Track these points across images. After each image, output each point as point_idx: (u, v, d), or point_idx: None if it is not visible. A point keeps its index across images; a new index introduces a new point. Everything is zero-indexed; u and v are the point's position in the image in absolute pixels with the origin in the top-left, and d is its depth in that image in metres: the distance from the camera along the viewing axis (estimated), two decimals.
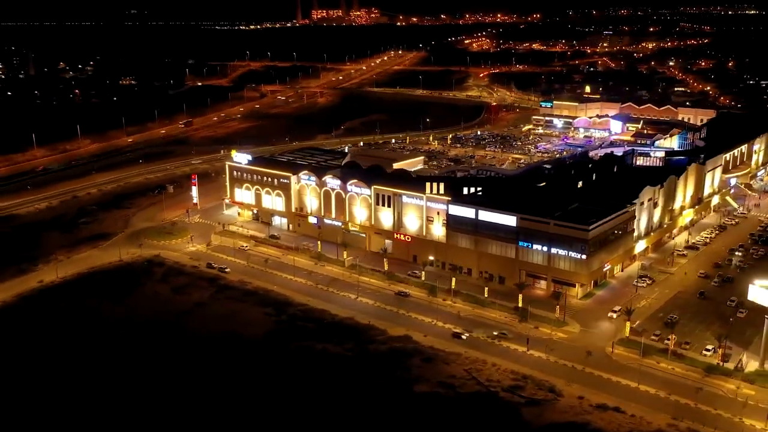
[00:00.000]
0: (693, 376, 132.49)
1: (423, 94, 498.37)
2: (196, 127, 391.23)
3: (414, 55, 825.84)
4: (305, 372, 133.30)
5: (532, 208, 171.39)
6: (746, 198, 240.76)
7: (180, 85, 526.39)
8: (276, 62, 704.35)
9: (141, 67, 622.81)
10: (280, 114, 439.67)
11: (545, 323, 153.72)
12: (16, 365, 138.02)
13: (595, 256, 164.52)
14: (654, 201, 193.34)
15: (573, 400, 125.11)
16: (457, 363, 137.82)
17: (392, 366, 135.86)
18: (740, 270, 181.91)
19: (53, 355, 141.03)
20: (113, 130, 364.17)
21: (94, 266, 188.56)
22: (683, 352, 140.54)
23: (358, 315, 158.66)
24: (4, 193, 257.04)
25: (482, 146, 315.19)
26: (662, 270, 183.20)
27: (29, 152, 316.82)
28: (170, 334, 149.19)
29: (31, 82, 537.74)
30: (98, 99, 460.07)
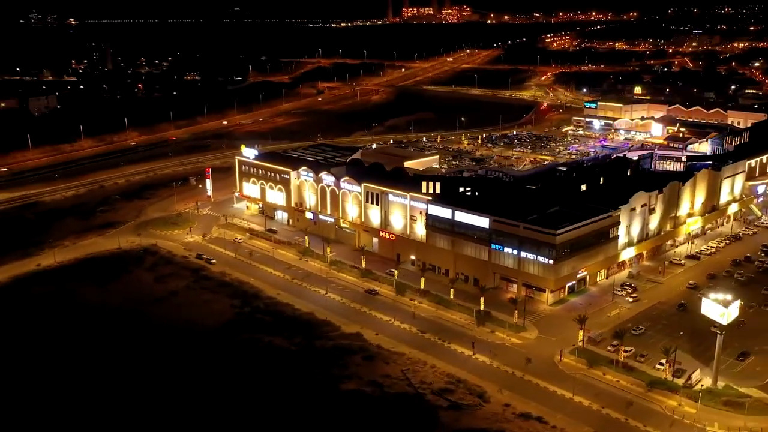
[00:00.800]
0: (636, 390, 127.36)
1: (477, 93, 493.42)
2: (242, 121, 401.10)
3: (487, 53, 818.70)
4: (240, 363, 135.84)
5: (511, 210, 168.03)
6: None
7: (241, 81, 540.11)
8: (346, 59, 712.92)
9: (213, 64, 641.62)
10: (329, 110, 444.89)
11: (503, 328, 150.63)
12: None
13: (565, 262, 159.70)
14: (650, 207, 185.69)
15: (498, 407, 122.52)
16: (397, 363, 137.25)
17: (330, 362, 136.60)
18: (735, 282, 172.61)
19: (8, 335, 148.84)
20: (163, 123, 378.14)
21: (93, 252, 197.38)
22: (635, 365, 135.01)
23: (320, 310, 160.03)
24: (40, 180, 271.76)
25: (512, 147, 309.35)
26: (651, 279, 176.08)
27: (77, 143, 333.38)
28: (133, 320, 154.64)
29: (104, 76, 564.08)
30: (160, 93, 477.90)
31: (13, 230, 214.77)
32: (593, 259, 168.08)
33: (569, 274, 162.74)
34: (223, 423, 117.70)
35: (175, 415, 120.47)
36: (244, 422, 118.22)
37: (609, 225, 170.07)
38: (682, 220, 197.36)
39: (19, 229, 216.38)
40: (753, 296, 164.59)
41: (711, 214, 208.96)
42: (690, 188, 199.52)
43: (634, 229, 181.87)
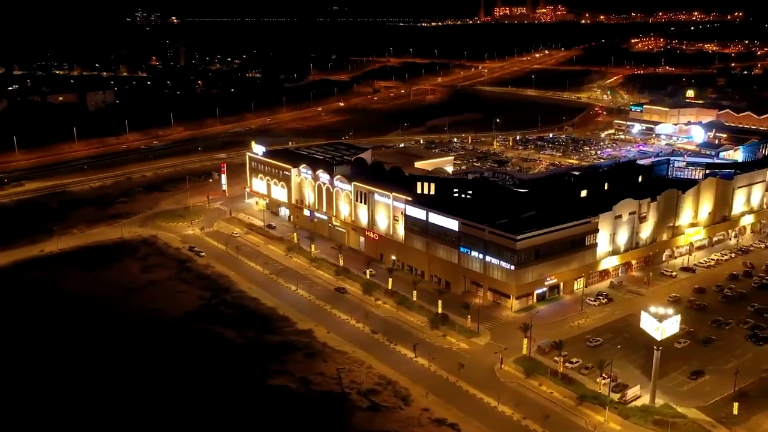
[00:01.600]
0: (567, 403, 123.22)
1: (533, 94, 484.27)
2: (285, 119, 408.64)
3: (564, 54, 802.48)
4: (181, 353, 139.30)
5: (487, 214, 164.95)
6: None
7: (299, 79, 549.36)
8: (416, 59, 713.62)
9: (280, 62, 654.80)
10: (378, 109, 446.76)
11: (456, 332, 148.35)
12: None
13: (528, 268, 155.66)
14: (640, 215, 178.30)
15: (417, 411, 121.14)
16: (336, 361, 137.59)
17: (270, 358, 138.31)
18: (724, 298, 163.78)
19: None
20: (211, 118, 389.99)
21: (96, 241, 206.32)
22: (578, 377, 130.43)
23: (284, 306, 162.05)
24: (76, 171, 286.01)
25: (542, 149, 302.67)
26: (632, 290, 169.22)
27: (123, 136, 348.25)
28: (100, 308, 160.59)
29: (172, 72, 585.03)
30: (218, 90, 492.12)
31: (32, 217, 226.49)
32: (565, 266, 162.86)
33: (535, 281, 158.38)
34: (136, 409, 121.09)
35: (92, 400, 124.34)
36: (156, 409, 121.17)
37: (584, 232, 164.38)
38: (681, 230, 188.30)
39: (39, 216, 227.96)
40: (736, 313, 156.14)
41: (719, 225, 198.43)
42: (692, 197, 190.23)
43: (620, 237, 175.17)
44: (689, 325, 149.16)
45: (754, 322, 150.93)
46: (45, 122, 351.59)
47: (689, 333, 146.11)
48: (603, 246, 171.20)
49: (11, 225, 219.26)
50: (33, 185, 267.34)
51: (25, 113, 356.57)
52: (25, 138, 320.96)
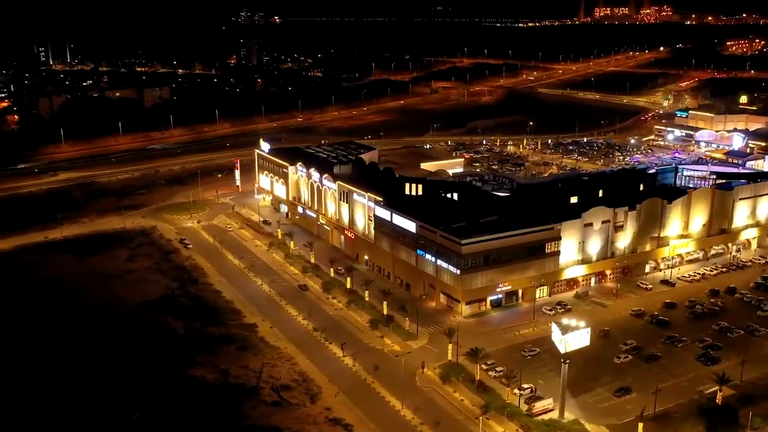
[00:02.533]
0: (474, 412, 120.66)
1: (590, 97, 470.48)
2: (331, 117, 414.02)
3: (646, 55, 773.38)
4: (120, 339, 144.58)
5: (450, 217, 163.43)
6: None
7: (359, 79, 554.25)
8: (489, 59, 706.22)
9: (349, 61, 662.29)
10: (427, 110, 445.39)
11: (394, 334, 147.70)
12: None
13: (476, 273, 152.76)
14: (616, 224, 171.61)
15: (319, 409, 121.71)
16: (265, 356, 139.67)
17: (204, 348, 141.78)
18: (692, 314, 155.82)
19: None
20: (258, 115, 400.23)
21: (99, 230, 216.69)
22: (496, 386, 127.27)
23: (242, 300, 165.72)
24: (110, 164, 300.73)
25: (567, 153, 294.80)
26: (596, 301, 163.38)
27: (167, 131, 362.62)
28: (72, 292, 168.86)
29: (239, 70, 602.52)
30: (277, 88, 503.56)
31: (53, 206, 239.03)
32: (522, 273, 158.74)
33: (485, 286, 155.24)
34: (50, 390, 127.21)
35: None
36: (72, 390, 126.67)
37: (543, 239, 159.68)
38: (667, 241, 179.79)
39: (59, 205, 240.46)
40: (699, 330, 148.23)
41: (715, 238, 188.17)
42: (682, 207, 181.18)
43: (592, 246, 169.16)
44: (642, 341, 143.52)
45: (711, 341, 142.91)
46: (100, 116, 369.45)
47: (635, 348, 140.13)
48: (569, 254, 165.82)
49: (32, 212, 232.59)
50: (66, 175, 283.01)
51: (83, 107, 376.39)
52: (77, 131, 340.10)
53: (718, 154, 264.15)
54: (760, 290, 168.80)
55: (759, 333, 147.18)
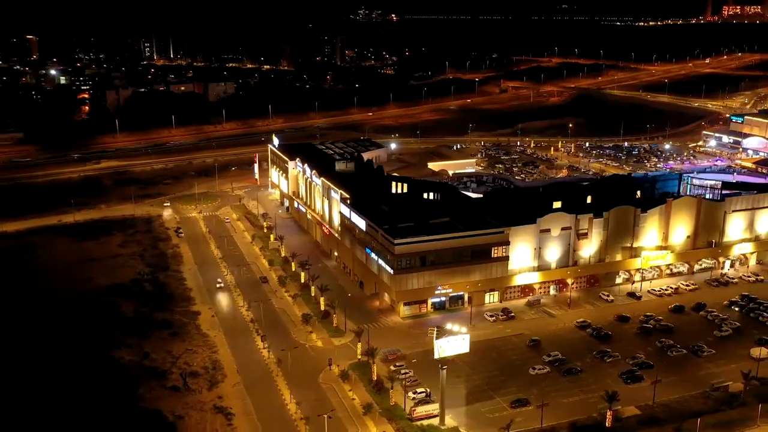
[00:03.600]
0: (357, 411, 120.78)
1: (662, 100, 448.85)
2: (386, 115, 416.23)
3: (754, 57, 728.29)
4: (67, 319, 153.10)
5: (409, 216, 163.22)
6: None
7: (429, 77, 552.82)
8: (578, 59, 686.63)
9: (434, 58, 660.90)
10: (487, 110, 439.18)
11: (324, 330, 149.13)
12: None
13: (411, 274, 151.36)
14: (578, 231, 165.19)
15: (211, 396, 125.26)
16: (191, 342, 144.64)
17: (139, 332, 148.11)
18: (640, 330, 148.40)
19: None
20: (312, 111, 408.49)
21: (108, 216, 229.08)
22: (393, 390, 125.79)
23: (199, 288, 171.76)
24: (152, 154, 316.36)
25: (598, 157, 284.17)
26: (546, 311, 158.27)
27: (220, 125, 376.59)
28: (50, 273, 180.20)
29: (313, 67, 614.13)
30: (344, 85, 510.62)
31: (81, 191, 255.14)
32: (465, 277, 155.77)
33: (423, 288, 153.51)
34: None
35: None
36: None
37: (488, 243, 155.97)
38: (639, 252, 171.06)
39: (88, 191, 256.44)
40: (640, 347, 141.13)
41: (701, 251, 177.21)
42: (659, 217, 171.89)
43: (550, 252, 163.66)
44: (570, 353, 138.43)
45: (644, 359, 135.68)
46: (163, 109, 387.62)
47: (558, 361, 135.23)
48: (523, 260, 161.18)
49: (60, 197, 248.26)
50: (108, 164, 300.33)
51: (147, 101, 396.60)
52: (137, 122, 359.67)
53: (748, 162, 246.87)
54: (732, 309, 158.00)
55: (703, 353, 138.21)
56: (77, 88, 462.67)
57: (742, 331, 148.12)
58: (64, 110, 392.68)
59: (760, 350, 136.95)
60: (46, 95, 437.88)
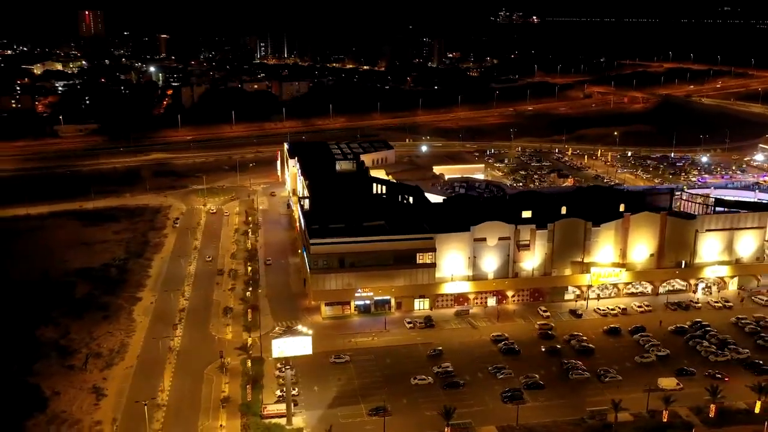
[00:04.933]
0: (218, 404, 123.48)
1: (748, 110, 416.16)
2: (451, 117, 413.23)
3: None
4: (20, 296, 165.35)
5: (345, 217, 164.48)
6: None
7: (515, 80, 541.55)
8: (693, 64, 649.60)
9: (524, 63, 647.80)
10: (558, 114, 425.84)
11: (239, 324, 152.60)
12: None
13: (329, 275, 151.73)
14: (519, 242, 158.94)
15: (97, 377, 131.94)
16: (116, 325, 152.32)
17: (76, 313, 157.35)
18: (548, 348, 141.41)
19: None
20: (376, 112, 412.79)
21: (125, 204, 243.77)
22: (270, 385, 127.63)
23: (159, 276, 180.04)
24: (202, 148, 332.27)
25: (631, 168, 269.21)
26: (471, 322, 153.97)
27: (280, 123, 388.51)
28: (38, 251, 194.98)
29: (404, 68, 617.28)
30: (421, 87, 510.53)
31: (118, 181, 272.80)
32: (388, 281, 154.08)
33: (342, 290, 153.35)
34: None
35: None
36: None
37: (413, 248, 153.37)
38: (588, 268, 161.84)
39: (124, 180, 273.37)
40: (544, 366, 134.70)
41: (666, 271, 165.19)
42: (615, 232, 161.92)
43: (487, 262, 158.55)
44: (465, 367, 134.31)
45: (537, 379, 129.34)
46: (234, 106, 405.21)
47: (446, 373, 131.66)
48: (454, 268, 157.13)
49: (96, 184, 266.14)
50: (156, 155, 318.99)
51: (219, 98, 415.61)
52: (203, 117, 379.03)
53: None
54: (675, 335, 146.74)
55: (606, 379, 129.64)
56: (168, 84, 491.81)
57: (669, 358, 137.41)
58: (146, 105, 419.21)
59: (669, 380, 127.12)
60: (135, 90, 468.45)
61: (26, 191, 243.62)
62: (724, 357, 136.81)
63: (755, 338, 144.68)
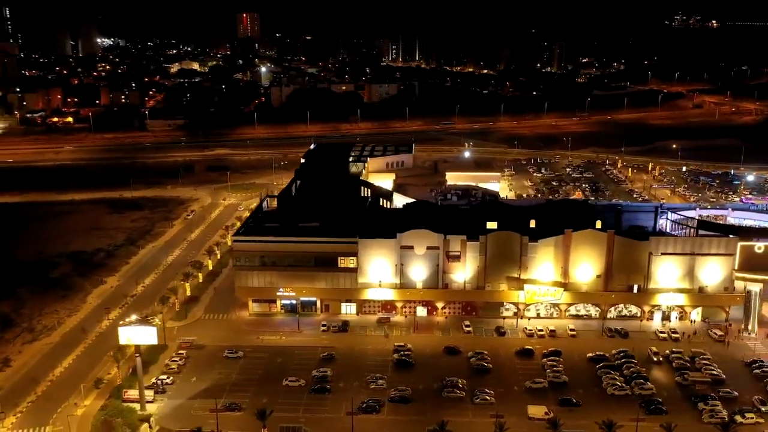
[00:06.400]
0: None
1: None
2: (527, 124, 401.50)
3: None
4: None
5: (290, 217, 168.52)
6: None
7: (623, 87, 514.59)
8: None
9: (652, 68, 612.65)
10: (648, 125, 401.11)
11: (170, 312, 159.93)
12: None
13: (251, 272, 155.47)
14: (449, 252, 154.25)
15: (14, 348, 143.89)
16: (67, 304, 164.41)
17: (42, 289, 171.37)
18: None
19: None
20: (453, 116, 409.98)
21: (159, 195, 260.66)
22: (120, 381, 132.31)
23: (136, 263, 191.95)
24: (264, 146, 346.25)
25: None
26: (386, 332, 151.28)
27: (355, 124, 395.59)
28: (53, 233, 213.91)
29: (511, 73, 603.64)
30: (521, 92, 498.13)
31: (169, 173, 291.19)
32: (308, 282, 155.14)
33: (264, 288, 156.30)
34: None
35: None
36: None
37: (334, 252, 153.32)
38: (521, 285, 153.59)
39: (175, 173, 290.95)
40: (426, 381, 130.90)
41: (615, 295, 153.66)
42: (556, 248, 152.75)
43: (415, 271, 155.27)
44: (346, 374, 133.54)
45: (407, 394, 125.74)
46: (319, 106, 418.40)
47: (321, 377, 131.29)
48: (381, 275, 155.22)
49: (147, 176, 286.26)
50: (220, 151, 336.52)
51: (306, 98, 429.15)
52: (285, 116, 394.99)
53: None
54: (590, 362, 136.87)
55: (477, 400, 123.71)
56: (273, 83, 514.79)
57: (563, 386, 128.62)
58: (238, 103, 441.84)
59: (538, 408, 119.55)
60: (233, 89, 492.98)
61: (85, 179, 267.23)
62: (622, 391, 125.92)
63: (677, 375, 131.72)
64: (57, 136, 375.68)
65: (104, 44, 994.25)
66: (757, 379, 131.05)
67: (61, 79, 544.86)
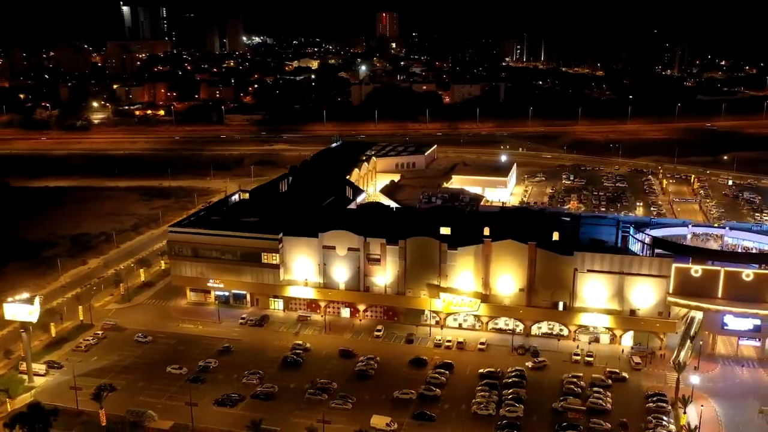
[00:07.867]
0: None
1: None
2: (599, 129, 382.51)
3: None
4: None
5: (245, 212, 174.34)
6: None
7: (731, 93, 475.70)
8: None
9: None
10: (735, 134, 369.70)
11: (117, 296, 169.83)
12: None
13: (184, 262, 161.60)
14: (369, 254, 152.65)
15: None
16: (39, 281, 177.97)
17: (29, 267, 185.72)
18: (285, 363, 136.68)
19: None
20: (526, 118, 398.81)
21: (192, 185, 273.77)
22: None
23: (120, 251, 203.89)
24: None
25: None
26: (299, 329, 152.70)
27: (423, 124, 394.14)
28: (70, 214, 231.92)
29: (617, 74, 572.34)
30: (617, 96, 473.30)
31: (218, 166, 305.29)
32: (235, 276, 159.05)
33: (196, 278, 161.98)
34: None
35: None
36: None
37: (258, 248, 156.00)
38: (439, 293, 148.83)
39: (218, 166, 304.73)
40: (297, 381, 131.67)
41: (538, 311, 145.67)
42: (476, 258, 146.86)
43: (338, 272, 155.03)
44: (233, 368, 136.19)
45: (271, 391, 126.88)
46: (398, 105, 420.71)
47: (205, 368, 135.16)
48: (305, 273, 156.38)
49: (194, 168, 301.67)
50: (278, 146, 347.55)
51: (385, 97, 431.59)
52: (359, 114, 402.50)
53: None
54: (481, 378, 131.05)
55: (332, 404, 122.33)
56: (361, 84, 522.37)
57: (433, 399, 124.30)
58: (319, 100, 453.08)
59: (382, 419, 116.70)
60: (318, 86, 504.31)
61: (137, 167, 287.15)
62: (486, 411, 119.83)
63: (560, 399, 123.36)
64: (143, 127, 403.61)
65: (253, 42, 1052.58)
66: (646, 412, 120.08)
67: (171, 74, 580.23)
